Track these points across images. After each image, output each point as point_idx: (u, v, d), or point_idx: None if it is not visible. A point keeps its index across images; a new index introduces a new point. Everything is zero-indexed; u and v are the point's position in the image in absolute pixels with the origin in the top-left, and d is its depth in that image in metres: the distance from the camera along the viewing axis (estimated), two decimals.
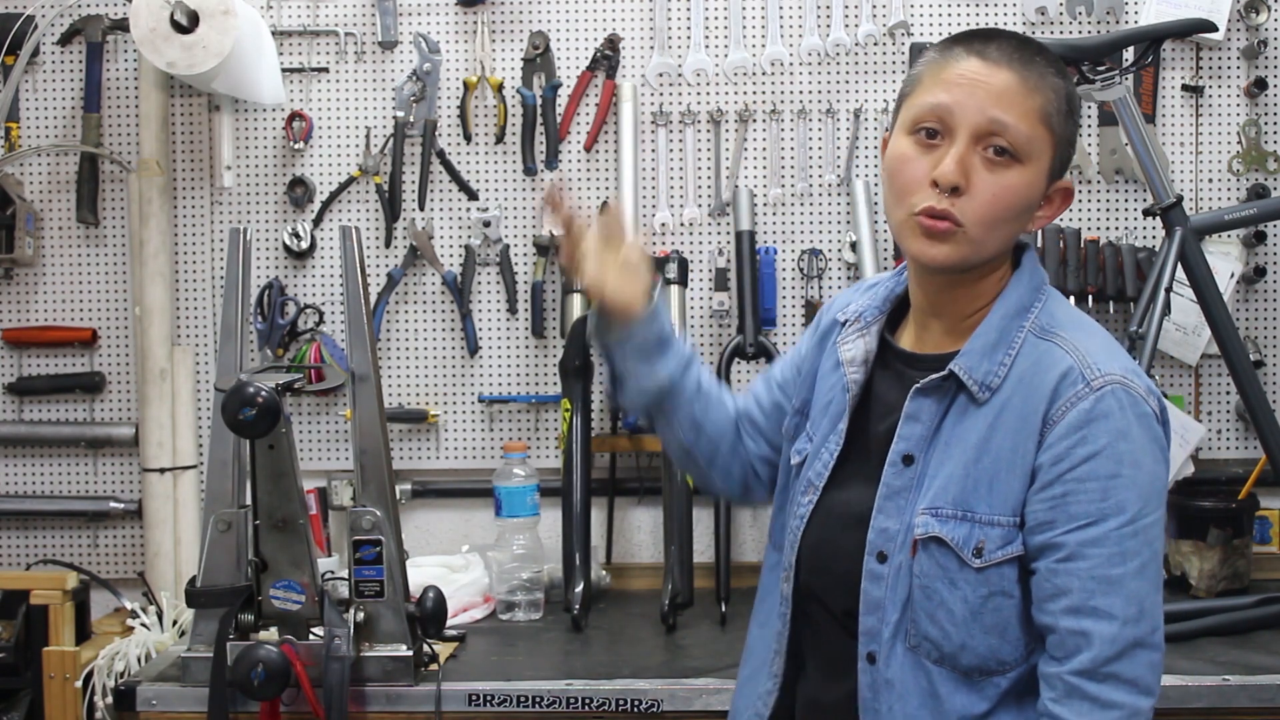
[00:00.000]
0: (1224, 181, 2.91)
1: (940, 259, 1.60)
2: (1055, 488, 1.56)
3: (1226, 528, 2.68)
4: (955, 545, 1.59)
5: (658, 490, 2.84)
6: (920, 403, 1.64)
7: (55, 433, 2.97)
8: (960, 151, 1.57)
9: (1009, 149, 1.57)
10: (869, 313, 1.76)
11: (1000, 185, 1.57)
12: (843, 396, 1.74)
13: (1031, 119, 1.58)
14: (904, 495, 1.64)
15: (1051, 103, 1.60)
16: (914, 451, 1.64)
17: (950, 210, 1.57)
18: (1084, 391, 1.56)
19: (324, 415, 2.99)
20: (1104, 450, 1.54)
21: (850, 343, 1.75)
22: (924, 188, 1.58)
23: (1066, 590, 1.54)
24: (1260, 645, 2.41)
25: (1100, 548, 1.53)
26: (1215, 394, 2.93)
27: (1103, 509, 1.54)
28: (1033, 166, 1.59)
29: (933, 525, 1.60)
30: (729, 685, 2.21)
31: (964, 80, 1.58)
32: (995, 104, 1.57)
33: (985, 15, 2.91)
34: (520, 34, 2.95)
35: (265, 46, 2.84)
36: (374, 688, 2.24)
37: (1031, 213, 1.63)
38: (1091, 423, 1.55)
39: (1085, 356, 1.58)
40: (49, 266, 2.99)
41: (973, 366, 1.61)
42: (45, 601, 2.64)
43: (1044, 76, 1.60)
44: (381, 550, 2.24)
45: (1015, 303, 1.64)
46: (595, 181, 2.96)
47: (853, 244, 2.91)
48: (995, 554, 1.58)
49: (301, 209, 2.96)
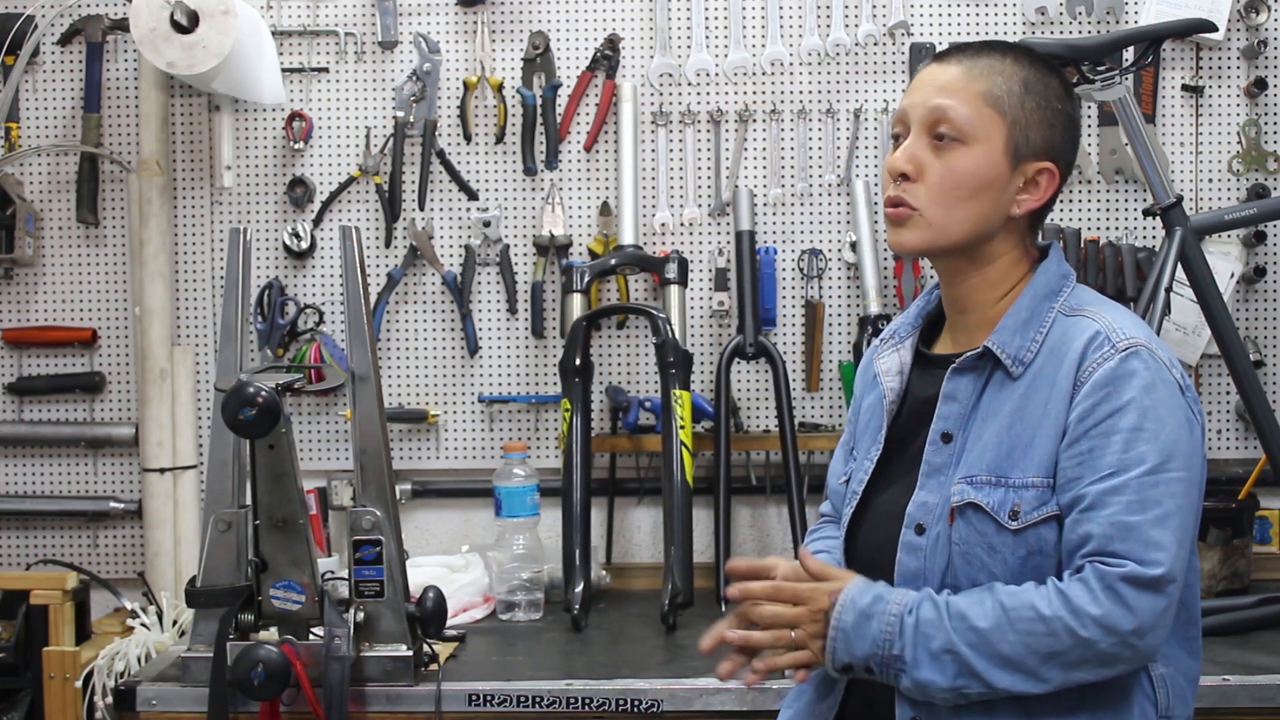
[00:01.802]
0: (1224, 181, 2.91)
1: (904, 243, 1.72)
2: (1082, 443, 1.61)
3: (1226, 528, 2.68)
4: (991, 510, 1.63)
5: (658, 490, 2.84)
6: (957, 382, 1.70)
7: (55, 433, 2.97)
8: (908, 144, 1.70)
9: (950, 132, 1.68)
10: (903, 329, 1.84)
11: (946, 167, 1.68)
12: (880, 406, 1.79)
13: (974, 101, 1.68)
14: (944, 472, 1.68)
15: (999, 85, 1.69)
16: (952, 429, 1.69)
17: (903, 196, 1.69)
18: (1110, 353, 1.62)
19: (324, 415, 2.99)
20: (1127, 405, 1.60)
21: (886, 356, 1.82)
22: (889, 181, 1.72)
23: (1089, 536, 1.58)
24: (1260, 645, 2.41)
25: (1120, 495, 1.57)
26: (1215, 394, 2.93)
27: (1124, 460, 1.58)
28: (979, 146, 1.68)
29: (969, 492, 1.65)
30: (729, 685, 2.22)
31: (919, 84, 1.73)
32: (938, 94, 1.69)
33: (985, 15, 2.91)
34: (520, 34, 2.95)
35: (265, 46, 2.84)
36: (374, 688, 2.24)
37: (999, 191, 1.70)
38: (1116, 380, 1.61)
39: (1112, 323, 1.66)
40: (49, 266, 2.99)
41: (1006, 342, 1.68)
42: (45, 601, 2.64)
43: (994, 64, 1.70)
44: (381, 550, 2.24)
45: (1044, 286, 1.72)
46: (595, 181, 2.96)
47: (853, 244, 2.92)
48: (1031, 515, 1.62)
49: (301, 209, 2.96)
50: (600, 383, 2.94)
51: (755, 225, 2.88)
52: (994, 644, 1.56)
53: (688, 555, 2.64)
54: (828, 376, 2.95)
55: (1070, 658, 1.56)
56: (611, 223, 2.94)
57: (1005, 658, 1.56)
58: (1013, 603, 1.57)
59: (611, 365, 2.97)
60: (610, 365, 2.97)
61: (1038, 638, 1.55)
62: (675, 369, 2.67)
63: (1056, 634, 1.55)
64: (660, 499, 2.76)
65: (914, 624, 1.59)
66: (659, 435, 2.75)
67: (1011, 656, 1.56)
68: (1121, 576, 1.55)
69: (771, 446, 2.89)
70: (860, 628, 1.61)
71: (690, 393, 2.70)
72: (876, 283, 2.86)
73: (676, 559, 2.62)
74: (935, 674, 1.58)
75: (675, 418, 2.66)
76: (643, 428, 2.92)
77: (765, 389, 2.96)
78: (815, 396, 2.95)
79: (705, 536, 2.79)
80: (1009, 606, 1.57)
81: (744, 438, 2.92)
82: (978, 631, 1.57)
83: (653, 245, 2.95)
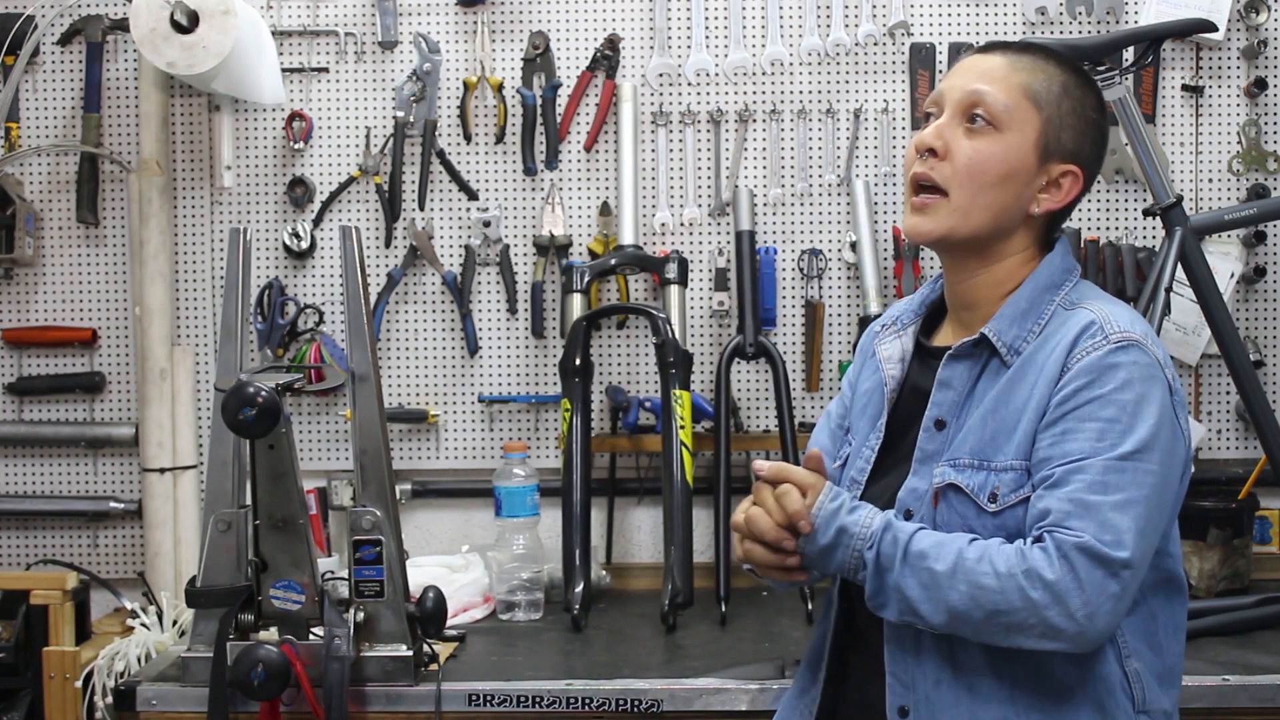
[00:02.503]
0: (1224, 181, 2.91)
1: (926, 231, 1.70)
2: (1058, 425, 1.61)
3: (1226, 528, 2.68)
4: (971, 492, 1.64)
5: (658, 490, 2.84)
6: (953, 369, 1.71)
7: (55, 433, 2.97)
8: (941, 121, 1.70)
9: (985, 116, 1.68)
10: (905, 316, 1.84)
11: (975, 149, 1.68)
12: (881, 393, 1.80)
13: (1013, 91, 1.68)
14: (936, 459, 1.69)
15: (1039, 81, 1.69)
16: (945, 416, 1.70)
17: (930, 174, 1.69)
18: (1101, 342, 1.62)
19: (324, 415, 2.99)
20: (1107, 395, 1.60)
21: (887, 343, 1.82)
22: (916, 159, 1.71)
23: (1046, 512, 1.59)
24: (1260, 645, 2.41)
25: (1083, 475, 1.58)
26: (1215, 394, 2.93)
27: (1096, 447, 1.59)
28: (1012, 135, 1.68)
29: (950, 474, 1.66)
30: (729, 685, 2.23)
31: (959, 70, 1.72)
32: (978, 79, 1.69)
33: (985, 15, 2.91)
34: (520, 34, 2.95)
35: (265, 46, 2.84)
36: (374, 688, 2.24)
37: (1021, 184, 1.70)
38: (1103, 369, 1.61)
39: (1109, 315, 1.66)
40: (49, 266, 2.99)
41: (1003, 330, 1.69)
42: (45, 601, 2.64)
43: (1037, 62, 1.71)
44: (381, 550, 2.24)
45: (1046, 279, 1.72)
46: (595, 181, 2.96)
47: (853, 244, 2.92)
48: (1009, 497, 1.63)
49: (301, 209, 2.96)
50: (600, 383, 2.94)
51: (755, 225, 2.88)
52: (944, 590, 1.57)
53: (688, 555, 2.64)
54: (828, 376, 2.95)
55: (1013, 619, 1.56)
56: (611, 223, 2.94)
57: (949, 606, 1.58)
58: (973, 554, 1.58)
59: (611, 365, 2.97)
60: (610, 365, 2.97)
61: (986, 593, 1.56)
62: (675, 369, 2.67)
63: (1005, 592, 1.55)
64: (660, 499, 2.76)
65: (874, 558, 1.62)
66: (659, 435, 2.75)
67: (956, 606, 1.57)
68: (1077, 545, 1.54)
69: (772, 446, 2.89)
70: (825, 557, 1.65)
71: (690, 393, 2.70)
72: (876, 283, 2.86)
73: (676, 559, 2.62)
74: (887, 604, 1.62)
75: (675, 418, 2.66)
76: (643, 428, 2.92)
77: (765, 389, 2.96)
78: (815, 396, 2.95)
79: (705, 536, 2.79)
80: (967, 557, 1.58)
81: (744, 438, 2.92)
82: (932, 574, 1.58)
83: (653, 245, 2.95)
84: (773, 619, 2.63)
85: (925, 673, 1.67)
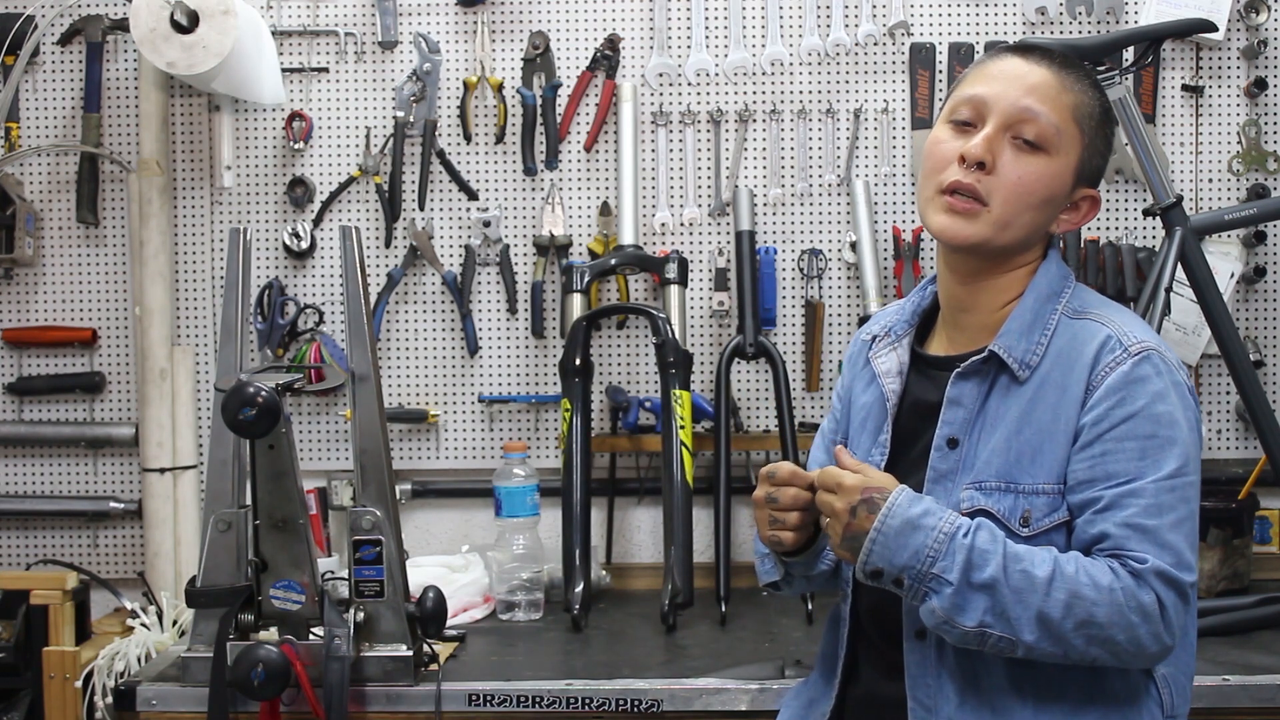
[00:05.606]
0: (1224, 181, 2.91)
1: (963, 236, 1.66)
2: (1095, 447, 1.61)
3: (1226, 528, 2.68)
4: (1002, 516, 1.63)
5: (658, 490, 2.84)
6: (961, 387, 1.69)
7: (55, 433, 2.97)
8: (989, 133, 1.66)
9: (1036, 139, 1.65)
10: (898, 327, 1.82)
11: (1024, 169, 1.65)
12: (882, 407, 1.78)
13: (1063, 113, 1.66)
14: (950, 478, 1.68)
15: (1085, 105, 1.68)
16: (958, 435, 1.68)
17: (975, 185, 1.65)
18: (1123, 356, 1.62)
19: (324, 415, 2.99)
20: (1142, 411, 1.60)
21: (884, 356, 1.81)
22: (952, 164, 1.66)
23: (1104, 535, 1.58)
24: (1260, 645, 2.41)
25: (1138, 499, 1.57)
26: (1215, 394, 2.93)
27: (1140, 467, 1.59)
28: (1059, 159, 1.66)
29: (978, 499, 1.64)
30: (729, 685, 2.23)
31: (1002, 75, 1.68)
32: (1028, 94, 1.66)
33: (986, 15, 2.91)
34: (520, 34, 2.95)
35: (265, 46, 2.84)
36: (374, 688, 2.24)
37: (1056, 208, 1.70)
38: (1130, 385, 1.61)
39: (1122, 327, 1.66)
40: (49, 266, 2.99)
41: (1012, 345, 1.67)
42: (45, 601, 2.64)
43: (1081, 81, 1.69)
44: (381, 550, 2.24)
45: (1046, 288, 1.71)
46: (595, 181, 2.96)
47: (853, 244, 2.92)
48: (1042, 521, 1.62)
49: (301, 209, 2.96)
50: (600, 383, 2.94)
51: (755, 225, 2.88)
52: (1040, 595, 1.53)
53: (688, 555, 2.64)
54: (828, 376, 2.95)
55: (1104, 633, 1.54)
56: (611, 223, 2.94)
57: (1042, 613, 1.53)
58: (1068, 565, 1.55)
59: (611, 365, 2.97)
60: (610, 365, 2.97)
61: (1084, 603, 1.53)
62: (675, 369, 2.67)
63: (1103, 605, 1.53)
64: (660, 499, 2.76)
65: (967, 546, 1.55)
66: (659, 435, 2.75)
67: (1049, 614, 1.53)
68: (1154, 571, 1.55)
69: (772, 446, 2.89)
70: (904, 535, 1.56)
71: (690, 393, 2.70)
72: (876, 283, 2.86)
73: (676, 559, 2.62)
74: (968, 604, 1.54)
75: (675, 418, 2.66)
76: (643, 428, 2.92)
77: (765, 389, 2.96)
78: (815, 396, 2.95)
79: (705, 536, 2.79)
80: (1064, 566, 1.55)
81: (744, 438, 2.92)
82: (1030, 577, 1.54)
83: (653, 245, 2.95)
84: (773, 619, 2.63)
85: (947, 695, 1.65)
